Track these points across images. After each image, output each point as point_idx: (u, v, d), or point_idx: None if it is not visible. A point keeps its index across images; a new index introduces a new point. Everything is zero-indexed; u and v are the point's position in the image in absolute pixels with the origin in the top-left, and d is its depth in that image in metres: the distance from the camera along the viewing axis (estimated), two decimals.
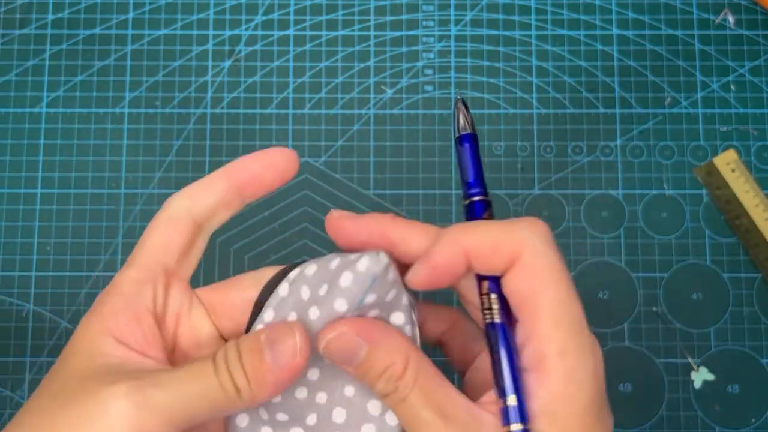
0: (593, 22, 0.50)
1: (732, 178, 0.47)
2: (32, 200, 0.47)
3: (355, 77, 0.49)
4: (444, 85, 0.49)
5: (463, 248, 0.27)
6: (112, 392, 0.25)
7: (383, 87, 0.49)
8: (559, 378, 0.26)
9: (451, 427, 0.26)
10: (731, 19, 0.49)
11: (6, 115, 0.48)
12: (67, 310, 0.46)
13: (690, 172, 0.48)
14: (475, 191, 0.30)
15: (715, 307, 0.46)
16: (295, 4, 0.50)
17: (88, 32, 0.50)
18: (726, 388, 0.46)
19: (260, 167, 0.30)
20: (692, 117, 0.48)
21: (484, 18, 0.50)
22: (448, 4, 0.50)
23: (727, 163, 0.47)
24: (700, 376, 0.46)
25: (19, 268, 0.47)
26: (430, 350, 0.31)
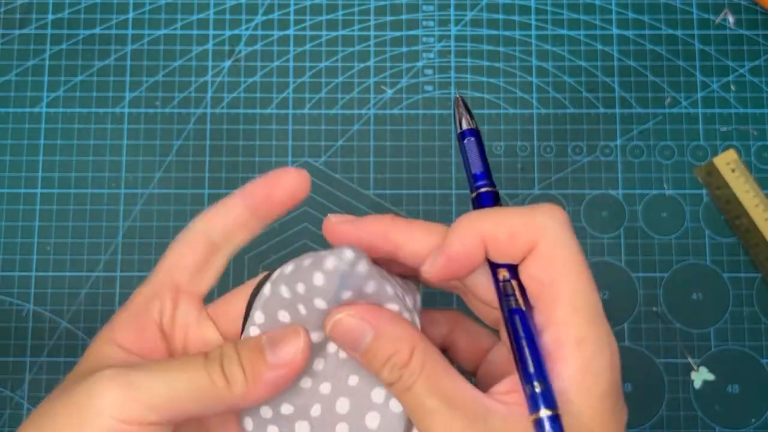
0: (593, 22, 0.50)
1: (732, 178, 0.47)
2: (32, 200, 0.47)
3: (355, 77, 0.49)
4: (444, 85, 0.49)
5: (480, 235, 0.27)
6: (98, 376, 0.26)
7: (383, 87, 0.49)
8: (577, 368, 0.25)
9: (457, 416, 0.26)
10: (731, 19, 0.49)
11: (6, 115, 0.48)
12: (67, 310, 0.46)
13: (690, 172, 0.48)
14: (483, 183, 0.30)
15: (715, 307, 0.46)
16: (295, 4, 0.50)
17: (88, 32, 0.50)
18: (726, 388, 0.46)
19: (271, 187, 0.30)
20: (692, 117, 0.48)
21: (484, 18, 0.50)
22: (448, 4, 0.50)
23: (727, 163, 0.47)
24: (700, 376, 0.46)
25: (19, 268, 0.47)
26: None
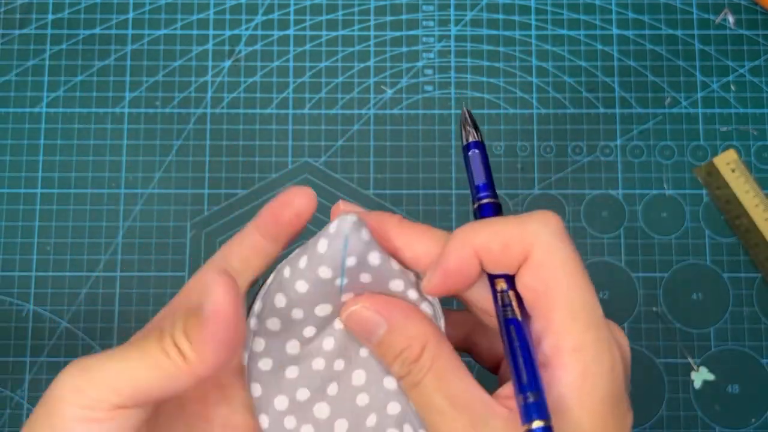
0: (593, 22, 0.49)
1: (732, 178, 0.47)
2: (32, 200, 0.47)
3: (355, 77, 0.49)
4: (444, 85, 0.49)
5: (474, 249, 0.27)
6: (63, 370, 0.26)
7: (383, 87, 0.49)
8: (575, 374, 0.26)
9: (462, 416, 0.26)
10: (731, 19, 0.49)
11: (6, 115, 0.48)
12: (67, 310, 0.46)
13: (690, 172, 0.48)
14: (485, 194, 0.30)
15: (715, 307, 0.46)
16: (295, 4, 0.50)
17: (88, 32, 0.50)
18: (726, 388, 0.46)
19: (277, 209, 0.30)
20: (692, 117, 0.48)
21: (484, 18, 0.50)
22: (448, 4, 0.50)
23: (727, 163, 0.47)
24: (700, 376, 0.46)
25: (19, 268, 0.47)
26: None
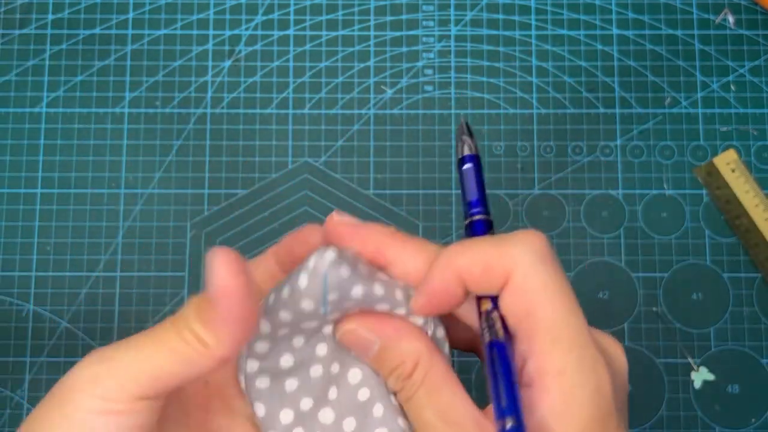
0: (593, 22, 0.49)
1: (732, 178, 0.47)
2: (32, 200, 0.47)
3: (355, 77, 0.49)
4: (444, 85, 0.49)
5: (457, 272, 0.27)
6: (79, 361, 0.26)
7: (383, 87, 0.49)
8: (557, 398, 0.25)
9: (452, 431, 0.26)
10: (731, 19, 0.49)
11: (6, 115, 0.48)
12: (67, 310, 0.46)
13: (690, 172, 0.48)
14: (477, 210, 0.29)
15: (715, 307, 0.46)
16: (295, 4, 0.50)
17: (88, 32, 0.50)
18: (726, 388, 0.46)
19: (293, 241, 0.31)
20: (692, 117, 0.48)
21: (484, 18, 0.50)
22: (448, 4, 0.50)
23: (727, 163, 0.47)
24: (700, 376, 0.46)
25: (19, 268, 0.47)
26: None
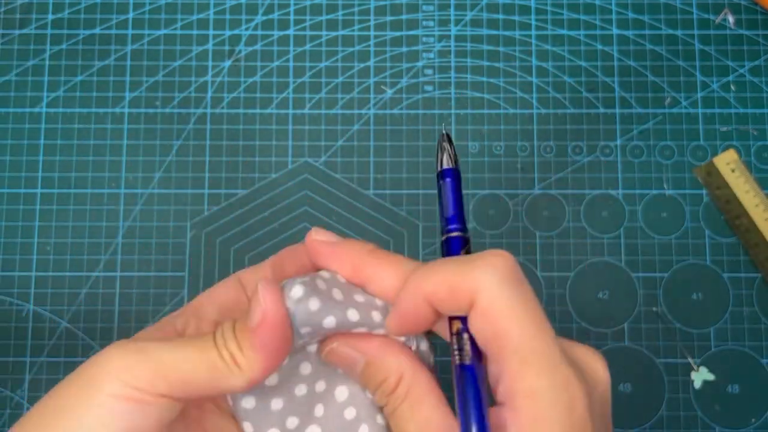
0: (593, 22, 0.49)
1: (732, 178, 0.47)
2: (32, 200, 0.47)
3: (355, 77, 0.49)
4: (444, 85, 0.49)
5: (424, 295, 0.27)
6: (109, 346, 0.26)
7: (383, 87, 0.49)
8: (528, 420, 0.25)
9: None
10: (731, 19, 0.49)
11: (6, 115, 0.48)
12: (67, 310, 0.46)
13: (690, 172, 0.48)
14: (454, 227, 0.30)
15: (715, 307, 0.46)
16: (295, 4, 0.50)
17: (88, 32, 0.50)
18: (726, 388, 0.46)
19: (292, 254, 0.31)
20: (692, 117, 0.48)
21: (484, 18, 0.50)
22: (448, 4, 0.50)
23: (727, 163, 0.47)
24: (700, 376, 0.46)
25: (19, 268, 0.47)
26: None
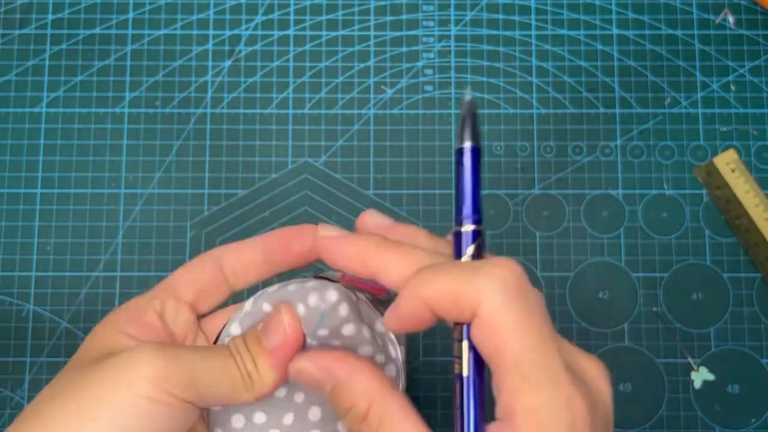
0: (593, 22, 0.49)
1: (732, 178, 0.47)
2: (32, 200, 0.47)
3: (355, 77, 0.49)
4: (444, 85, 0.49)
5: (425, 300, 0.26)
6: (140, 347, 0.26)
7: (383, 87, 0.49)
8: None
9: None
10: (731, 19, 0.49)
11: (6, 115, 0.48)
12: (67, 310, 0.46)
13: (690, 172, 0.48)
14: (467, 218, 0.27)
15: (715, 307, 0.46)
16: (295, 4, 0.50)
17: (88, 32, 0.50)
18: (726, 388, 0.46)
19: (291, 238, 0.31)
20: (692, 117, 0.48)
21: (484, 18, 0.50)
22: (448, 4, 0.50)
23: (727, 163, 0.47)
24: (700, 376, 0.46)
25: (19, 268, 0.47)
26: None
